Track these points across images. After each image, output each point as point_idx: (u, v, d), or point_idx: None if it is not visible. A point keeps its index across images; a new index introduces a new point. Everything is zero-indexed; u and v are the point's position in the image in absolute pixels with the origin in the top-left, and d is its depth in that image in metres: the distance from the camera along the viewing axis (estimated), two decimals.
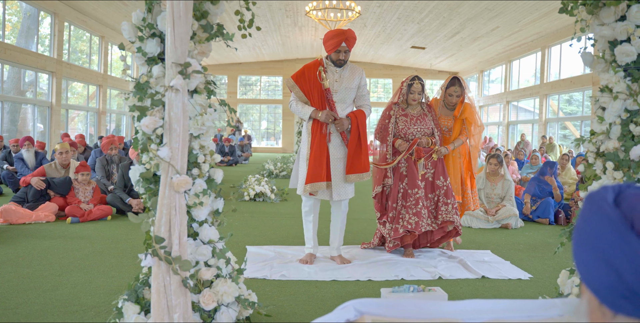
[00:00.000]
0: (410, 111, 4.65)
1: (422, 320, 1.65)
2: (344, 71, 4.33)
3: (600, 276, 0.79)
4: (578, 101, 17.45)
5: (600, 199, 0.83)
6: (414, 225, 4.42)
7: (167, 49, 2.48)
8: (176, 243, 2.48)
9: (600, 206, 0.82)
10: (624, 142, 2.80)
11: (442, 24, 17.10)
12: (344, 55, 4.24)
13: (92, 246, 4.85)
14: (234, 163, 16.77)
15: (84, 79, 16.93)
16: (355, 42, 4.27)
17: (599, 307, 0.83)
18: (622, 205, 0.80)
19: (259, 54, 24.59)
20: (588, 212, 0.84)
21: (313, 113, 4.21)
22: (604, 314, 0.82)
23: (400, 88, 4.71)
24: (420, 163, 4.53)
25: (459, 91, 4.80)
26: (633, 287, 0.75)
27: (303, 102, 4.29)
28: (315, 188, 4.20)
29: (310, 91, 4.25)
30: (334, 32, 4.23)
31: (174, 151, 2.46)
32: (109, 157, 7.52)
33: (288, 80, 4.38)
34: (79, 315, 3.05)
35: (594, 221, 0.81)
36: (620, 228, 0.77)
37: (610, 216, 0.79)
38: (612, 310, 0.80)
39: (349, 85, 4.30)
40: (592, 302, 0.84)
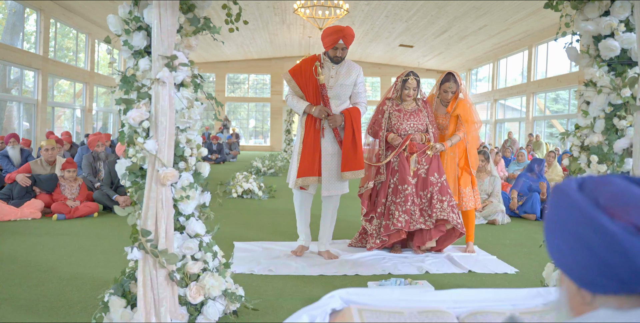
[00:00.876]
0: (405, 106, 4.58)
1: (408, 309, 1.66)
2: (341, 68, 4.33)
3: (576, 257, 0.82)
4: (564, 100, 17.60)
5: (565, 188, 0.87)
6: (404, 224, 4.31)
7: (154, 41, 2.47)
8: (163, 236, 2.48)
9: (566, 193, 0.86)
10: (607, 136, 2.83)
11: (430, 22, 17.16)
12: (341, 52, 4.25)
13: (78, 243, 4.82)
14: (221, 160, 16.72)
15: (71, 77, 16.78)
16: (353, 40, 4.29)
17: (578, 292, 0.85)
18: (585, 190, 0.85)
19: (247, 52, 24.52)
20: (556, 200, 0.88)
21: (307, 108, 4.23)
22: (583, 298, 0.85)
23: (395, 83, 4.66)
24: (412, 159, 4.45)
25: (454, 87, 4.72)
26: (606, 261, 0.78)
27: (299, 97, 4.31)
28: (307, 182, 4.21)
29: (306, 86, 4.27)
30: (332, 29, 4.23)
31: (160, 144, 2.45)
32: (95, 154, 7.47)
33: (285, 74, 4.39)
34: (65, 310, 3.03)
35: (562, 207, 0.85)
36: (587, 208, 0.81)
37: (576, 199, 0.83)
38: (591, 291, 0.83)
39: (344, 82, 4.31)
40: (571, 287, 0.87)
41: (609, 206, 0.81)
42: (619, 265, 0.77)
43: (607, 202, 0.82)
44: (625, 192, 0.83)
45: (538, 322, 1.59)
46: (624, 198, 0.82)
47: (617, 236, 0.77)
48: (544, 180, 7.09)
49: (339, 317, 1.61)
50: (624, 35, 2.85)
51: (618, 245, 0.77)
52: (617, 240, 0.77)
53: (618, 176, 0.89)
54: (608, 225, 0.78)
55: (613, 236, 0.77)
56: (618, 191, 0.83)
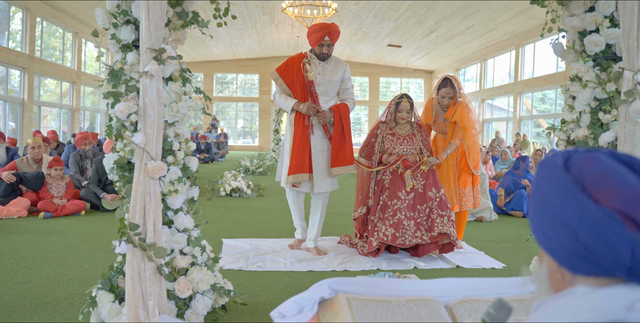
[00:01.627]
0: (398, 130, 4.47)
1: (396, 297, 1.67)
2: (328, 65, 4.35)
3: (558, 239, 0.82)
4: (551, 100, 17.74)
5: (551, 165, 0.87)
6: (390, 237, 4.11)
7: (142, 34, 2.46)
8: (151, 230, 2.47)
9: (552, 172, 0.85)
10: (593, 130, 2.87)
11: (418, 22, 17.23)
12: (327, 49, 4.25)
13: (65, 240, 4.78)
14: (210, 160, 16.66)
15: (57, 76, 16.64)
16: (338, 36, 4.28)
17: (558, 270, 0.86)
18: (571, 169, 0.84)
19: (235, 52, 24.46)
20: (541, 179, 0.88)
21: (295, 105, 4.24)
22: (563, 276, 0.86)
23: (389, 106, 4.56)
24: (407, 174, 4.28)
25: (451, 93, 4.65)
26: (589, 247, 0.78)
27: (286, 94, 4.32)
28: (298, 179, 4.21)
29: (293, 83, 4.27)
30: (318, 25, 4.24)
31: (148, 137, 2.44)
32: (82, 152, 7.42)
33: (272, 73, 4.38)
34: (52, 306, 3.01)
35: (548, 187, 0.85)
36: (573, 191, 0.81)
37: (562, 180, 0.83)
38: (571, 271, 0.84)
39: (331, 78, 4.33)
40: (552, 265, 0.88)
41: (595, 189, 0.81)
42: (602, 252, 0.78)
43: (593, 185, 0.81)
44: (611, 173, 0.82)
45: (524, 308, 1.61)
46: (609, 180, 0.81)
47: (602, 223, 0.77)
48: (531, 177, 7.14)
49: (328, 305, 1.62)
50: (609, 30, 2.89)
51: (602, 233, 0.77)
52: (601, 227, 0.77)
53: (604, 153, 0.88)
54: (593, 211, 0.78)
55: (597, 223, 0.77)
56: (604, 172, 0.83)
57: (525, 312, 1.61)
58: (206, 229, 5.16)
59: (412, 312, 1.60)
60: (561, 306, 0.84)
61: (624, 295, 0.79)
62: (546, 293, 0.90)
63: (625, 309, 0.78)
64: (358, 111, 28.25)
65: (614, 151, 0.88)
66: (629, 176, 0.81)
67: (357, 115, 28.40)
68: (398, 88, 27.84)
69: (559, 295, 0.86)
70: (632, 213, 0.78)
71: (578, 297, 0.82)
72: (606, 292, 0.80)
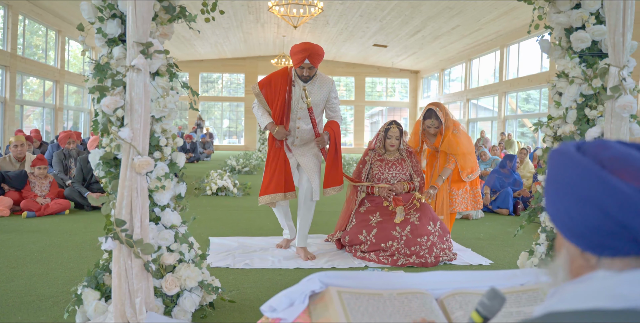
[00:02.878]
0: (388, 156, 4.42)
1: (387, 290, 1.66)
2: (313, 85, 4.20)
3: (586, 219, 0.81)
4: (535, 100, 17.90)
5: (567, 151, 0.87)
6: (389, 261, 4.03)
7: (129, 28, 2.43)
8: (138, 226, 2.44)
9: (569, 157, 0.85)
10: (579, 125, 2.89)
11: (404, 22, 17.29)
12: (307, 71, 4.09)
13: (49, 239, 4.72)
14: (195, 159, 16.57)
15: (40, 75, 16.43)
16: (321, 59, 4.09)
17: (582, 255, 0.85)
18: (586, 154, 0.84)
19: (220, 51, 24.35)
20: (559, 164, 0.87)
21: (269, 125, 4.13)
22: (587, 261, 0.84)
23: (378, 133, 4.48)
24: (399, 210, 4.18)
25: (436, 123, 4.63)
26: (621, 220, 0.77)
27: (265, 110, 4.21)
28: (274, 199, 4.09)
29: (274, 102, 4.15)
30: (300, 46, 4.06)
31: (135, 132, 2.41)
32: (66, 151, 7.33)
33: (254, 86, 4.24)
34: (36, 305, 2.96)
35: (567, 171, 0.84)
36: (595, 169, 0.80)
37: (582, 162, 0.82)
38: (596, 254, 0.82)
39: (316, 100, 4.19)
40: (573, 252, 0.86)
41: (615, 168, 0.80)
42: (635, 226, 0.77)
43: (612, 164, 0.81)
44: (626, 155, 0.82)
45: (515, 300, 1.61)
46: (627, 161, 0.81)
47: (632, 197, 0.77)
48: (516, 176, 7.20)
49: (319, 298, 1.60)
50: (595, 27, 2.91)
51: (633, 205, 0.76)
52: (632, 201, 0.76)
53: (613, 141, 0.88)
54: (620, 186, 0.77)
55: (628, 197, 0.77)
56: (619, 155, 0.83)
57: (517, 304, 1.61)
58: (193, 228, 5.12)
59: (403, 304, 1.60)
60: (578, 290, 0.82)
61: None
62: (563, 281, 0.88)
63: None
64: (344, 111, 28.26)
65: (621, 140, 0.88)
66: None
67: (343, 115, 28.16)
68: (384, 88, 27.92)
69: (578, 280, 0.85)
70: None
71: (597, 281, 0.81)
72: (626, 277, 0.79)
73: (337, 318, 1.48)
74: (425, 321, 1.46)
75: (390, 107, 28.24)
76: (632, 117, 2.78)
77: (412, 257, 4.01)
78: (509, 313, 1.58)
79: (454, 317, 1.60)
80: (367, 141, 23.73)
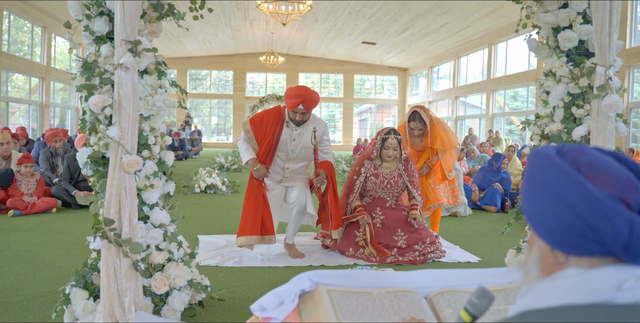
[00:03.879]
0: (384, 169, 4.24)
1: (376, 289, 1.67)
2: (305, 129, 4.15)
3: (558, 218, 0.85)
4: (523, 97, 18.02)
5: (547, 153, 0.91)
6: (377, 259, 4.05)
7: (117, 26, 2.41)
8: (126, 225, 2.43)
9: (548, 158, 0.89)
10: (566, 124, 2.91)
11: (393, 19, 17.31)
12: (300, 116, 4.04)
13: (36, 238, 4.68)
14: (184, 157, 16.50)
15: (26, 71, 16.26)
16: (315, 105, 4.05)
17: (551, 253, 0.89)
18: (565, 158, 0.89)
19: (209, 48, 24.24)
20: (539, 165, 0.91)
21: (251, 161, 4.06)
22: (556, 258, 0.89)
23: (374, 141, 4.27)
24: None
25: (419, 126, 4.68)
26: (590, 223, 0.82)
27: (251, 145, 4.13)
28: (249, 241, 4.00)
29: (262, 140, 4.10)
30: (295, 91, 4.00)
31: (123, 131, 2.40)
32: (53, 149, 7.26)
33: (245, 123, 4.18)
34: (23, 304, 2.94)
35: (545, 171, 0.88)
36: (571, 172, 0.85)
37: (560, 164, 0.87)
38: (565, 252, 0.87)
39: (307, 144, 4.16)
40: (544, 249, 0.91)
41: (589, 173, 0.85)
42: (602, 228, 0.81)
43: (587, 169, 0.86)
44: (603, 162, 0.87)
45: (504, 298, 1.62)
46: (602, 167, 0.86)
47: (603, 202, 0.81)
48: (504, 174, 7.23)
49: (308, 297, 1.61)
50: (582, 26, 2.93)
51: (603, 210, 0.81)
52: (602, 205, 0.81)
53: (590, 147, 0.93)
54: (593, 190, 0.82)
55: (599, 202, 0.81)
56: (595, 161, 0.87)
57: (505, 302, 1.62)
58: (181, 225, 5.11)
59: (392, 303, 1.61)
60: (551, 288, 0.86)
61: (613, 275, 0.83)
62: (536, 278, 0.93)
63: (614, 289, 0.82)
64: (332, 108, 28.29)
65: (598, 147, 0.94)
66: (617, 165, 0.87)
67: (332, 112, 28.44)
68: (372, 85, 27.95)
69: (549, 278, 0.89)
70: (625, 197, 0.83)
71: (568, 278, 0.85)
72: (596, 273, 0.84)
73: (327, 317, 1.49)
74: (414, 319, 1.47)
75: (379, 104, 28.29)
76: (618, 116, 2.81)
77: (401, 255, 4.04)
78: (497, 311, 1.59)
79: (443, 315, 1.61)
80: (356, 138, 23.72)
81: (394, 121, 28.10)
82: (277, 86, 27.36)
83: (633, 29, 12.31)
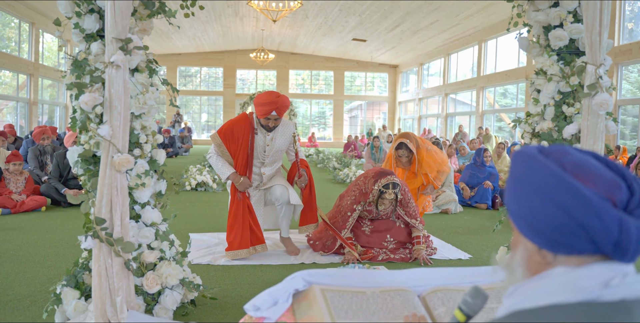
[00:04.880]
0: (380, 206, 4.11)
1: (370, 288, 1.67)
2: (276, 133, 4.10)
3: (549, 218, 0.85)
4: (512, 94, 18.11)
5: (531, 153, 0.92)
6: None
7: (107, 24, 2.39)
8: (118, 224, 2.41)
9: (533, 158, 0.90)
10: (557, 122, 2.93)
11: (383, 16, 17.32)
12: (273, 122, 3.98)
13: (25, 237, 4.64)
14: (174, 154, 16.44)
15: (13, 68, 16.09)
16: (287, 109, 4.03)
17: (539, 252, 0.90)
18: (550, 157, 0.90)
19: (199, 45, 24.13)
20: (525, 165, 0.91)
21: (232, 176, 3.99)
22: (544, 257, 0.89)
23: (372, 188, 4.05)
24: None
25: (406, 153, 4.82)
26: (581, 222, 0.83)
27: (225, 159, 4.05)
28: (239, 255, 3.93)
29: (236, 152, 4.03)
30: (265, 98, 3.90)
31: (115, 130, 2.38)
32: (41, 147, 7.20)
33: (215, 136, 4.06)
34: (13, 305, 2.92)
35: (532, 171, 0.89)
36: (559, 172, 0.86)
37: (546, 164, 0.88)
38: (553, 251, 0.88)
39: (280, 145, 4.12)
40: (530, 248, 0.91)
41: (575, 172, 0.86)
42: (593, 227, 0.82)
43: (574, 170, 0.87)
44: (586, 162, 0.88)
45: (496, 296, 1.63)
46: (585, 167, 0.87)
47: (593, 201, 0.82)
48: (490, 169, 7.21)
49: (302, 297, 1.61)
50: (572, 25, 2.95)
51: (594, 209, 0.82)
52: (593, 204, 0.82)
53: (570, 147, 0.94)
54: (584, 190, 0.83)
55: (590, 201, 0.82)
56: (579, 161, 0.88)
57: (497, 300, 1.63)
58: (173, 224, 5.08)
59: (386, 302, 1.61)
60: (540, 288, 0.87)
61: (601, 272, 0.85)
62: (521, 278, 0.93)
63: (602, 286, 0.83)
64: (323, 105, 28.29)
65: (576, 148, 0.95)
66: (599, 165, 0.88)
67: (322, 109, 28.44)
68: (363, 82, 27.96)
69: (537, 277, 0.90)
70: (611, 196, 0.84)
71: (557, 277, 0.87)
72: (584, 271, 0.85)
73: (321, 317, 1.49)
74: (415, 316, 1.48)
75: (369, 101, 28.33)
76: (608, 114, 2.83)
77: (392, 253, 4.05)
78: (490, 309, 1.60)
79: (436, 313, 1.61)
80: (346, 135, 23.72)
81: (384, 118, 28.14)
82: (267, 82, 27.32)
83: (622, 27, 12.41)
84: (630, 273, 0.86)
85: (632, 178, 0.88)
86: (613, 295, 0.83)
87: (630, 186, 0.87)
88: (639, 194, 0.86)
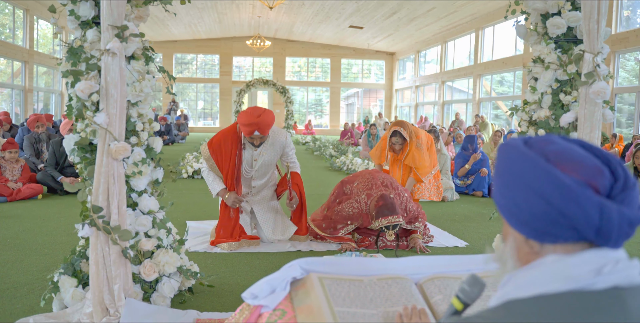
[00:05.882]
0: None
1: (367, 276, 1.68)
2: (264, 148, 4.06)
3: (531, 207, 0.87)
4: (509, 82, 18.07)
5: (515, 146, 0.94)
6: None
7: (103, 10, 2.37)
8: (115, 212, 2.41)
9: (517, 150, 0.92)
10: (554, 111, 2.93)
11: (380, 3, 17.20)
12: (259, 140, 3.92)
13: (22, 225, 4.64)
14: (170, 142, 16.40)
15: (8, 55, 15.96)
16: (272, 125, 3.90)
17: (526, 242, 0.92)
18: (532, 148, 0.92)
19: (195, 32, 23.95)
20: (508, 157, 0.93)
21: (221, 192, 3.99)
22: (531, 247, 0.91)
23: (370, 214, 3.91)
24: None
25: (400, 141, 5.05)
26: (562, 210, 0.84)
27: (216, 174, 4.05)
28: (230, 247, 3.92)
29: (223, 167, 4.01)
30: (247, 119, 3.77)
31: (111, 117, 2.37)
32: (36, 135, 7.17)
33: (204, 149, 4.03)
34: (10, 293, 2.92)
35: (515, 163, 0.91)
36: (540, 162, 0.87)
37: (528, 155, 0.89)
38: (539, 241, 0.89)
39: (270, 158, 4.10)
40: (518, 239, 0.94)
41: (558, 161, 0.88)
42: (573, 214, 0.84)
43: (555, 158, 0.88)
44: (569, 150, 0.90)
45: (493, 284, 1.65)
46: (569, 155, 0.89)
47: (572, 188, 0.83)
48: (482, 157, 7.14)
49: (300, 285, 1.62)
50: (570, 13, 2.94)
51: (573, 196, 0.83)
52: (572, 192, 0.83)
53: (556, 136, 0.95)
54: (562, 177, 0.84)
55: (569, 188, 0.84)
56: (562, 150, 0.90)
57: (494, 287, 1.64)
58: (170, 211, 5.08)
59: (383, 289, 1.62)
60: (532, 276, 0.89)
61: (592, 259, 0.86)
62: (513, 268, 0.95)
63: (595, 273, 0.85)
64: (320, 93, 28.19)
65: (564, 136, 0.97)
66: (583, 152, 0.90)
67: (319, 97, 28.34)
68: (359, 69, 27.85)
69: (529, 266, 0.91)
70: (593, 183, 0.85)
71: (548, 265, 0.88)
72: (575, 259, 0.86)
73: (319, 305, 1.50)
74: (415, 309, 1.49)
75: (366, 89, 28.24)
76: (605, 102, 2.83)
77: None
78: (487, 297, 1.61)
79: (433, 301, 1.63)
80: (343, 122, 23.67)
81: (380, 105, 28.08)
82: (264, 70, 27.18)
83: (619, 14, 12.36)
84: (622, 260, 0.87)
85: (617, 163, 0.89)
86: (605, 283, 0.84)
87: (614, 172, 0.88)
88: (623, 179, 0.87)
